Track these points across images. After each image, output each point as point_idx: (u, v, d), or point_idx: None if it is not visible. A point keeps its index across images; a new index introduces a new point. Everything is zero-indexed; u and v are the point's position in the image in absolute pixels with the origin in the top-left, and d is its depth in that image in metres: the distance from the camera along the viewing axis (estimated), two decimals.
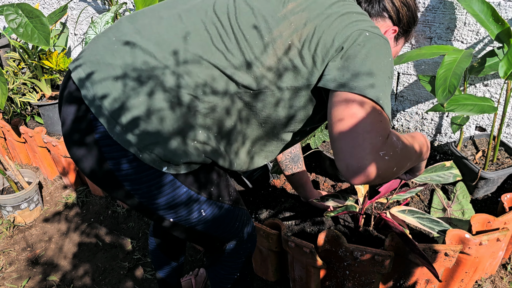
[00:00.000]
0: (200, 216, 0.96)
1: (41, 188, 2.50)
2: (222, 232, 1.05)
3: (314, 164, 2.13)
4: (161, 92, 0.83)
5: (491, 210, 1.71)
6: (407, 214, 1.44)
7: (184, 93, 0.83)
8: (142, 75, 0.83)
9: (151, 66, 0.84)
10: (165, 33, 0.87)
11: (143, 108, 0.82)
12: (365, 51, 0.83)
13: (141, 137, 0.81)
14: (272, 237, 1.46)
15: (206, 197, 0.95)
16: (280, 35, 0.86)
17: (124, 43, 0.87)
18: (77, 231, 2.14)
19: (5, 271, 1.95)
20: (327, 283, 1.53)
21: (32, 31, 2.02)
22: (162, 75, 0.83)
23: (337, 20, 0.86)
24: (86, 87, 0.84)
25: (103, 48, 0.89)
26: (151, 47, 0.86)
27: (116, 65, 0.85)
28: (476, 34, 1.70)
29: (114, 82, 0.83)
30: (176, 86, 0.83)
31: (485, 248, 1.33)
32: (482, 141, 1.87)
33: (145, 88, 0.82)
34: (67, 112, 0.89)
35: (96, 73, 0.85)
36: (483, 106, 1.48)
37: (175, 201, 0.90)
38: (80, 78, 0.86)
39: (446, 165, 1.47)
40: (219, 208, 0.99)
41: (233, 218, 1.05)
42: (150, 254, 1.46)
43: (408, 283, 1.44)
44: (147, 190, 0.88)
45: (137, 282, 1.80)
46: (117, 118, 0.82)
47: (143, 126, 0.81)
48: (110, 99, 0.82)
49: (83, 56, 0.90)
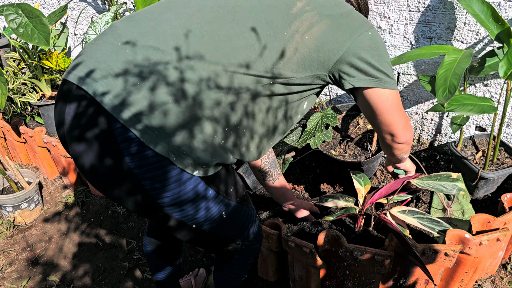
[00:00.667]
0: (207, 214, 0.94)
1: (41, 188, 2.50)
2: (229, 231, 1.03)
3: (314, 164, 2.13)
4: (164, 86, 0.83)
5: (491, 210, 1.71)
6: (407, 214, 1.44)
7: (188, 87, 0.83)
8: (145, 71, 0.83)
9: (153, 62, 0.84)
10: (167, 29, 0.87)
11: (156, 101, 0.82)
12: (375, 51, 0.99)
13: (153, 129, 0.81)
14: (272, 237, 1.46)
15: (214, 193, 0.93)
16: (286, 35, 0.87)
17: (124, 42, 0.87)
18: (77, 231, 2.14)
19: (5, 271, 1.95)
20: (327, 283, 1.53)
21: (32, 31, 2.02)
22: (165, 70, 0.83)
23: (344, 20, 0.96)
24: (89, 83, 0.84)
25: (101, 48, 0.88)
26: (152, 43, 0.85)
27: (119, 61, 0.84)
28: (476, 34, 1.70)
29: (115, 78, 0.83)
30: (180, 80, 0.83)
31: (485, 248, 1.33)
32: (482, 141, 1.86)
33: (148, 83, 0.82)
34: (68, 110, 0.88)
35: (97, 71, 0.85)
36: (483, 106, 1.48)
37: (181, 197, 0.88)
38: (81, 77, 0.86)
39: (452, 176, 1.44)
40: (226, 205, 0.98)
41: (241, 216, 1.04)
42: (146, 257, 1.43)
43: (408, 283, 1.44)
44: (152, 182, 0.86)
45: (137, 282, 1.80)
46: (130, 109, 0.81)
47: (155, 119, 0.81)
48: (113, 93, 0.82)
49: (82, 57, 0.90)
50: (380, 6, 1.84)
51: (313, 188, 1.96)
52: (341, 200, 1.59)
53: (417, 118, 2.05)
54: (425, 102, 1.99)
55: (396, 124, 1.07)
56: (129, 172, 0.84)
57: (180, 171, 0.85)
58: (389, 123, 1.07)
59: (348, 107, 2.04)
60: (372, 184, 1.95)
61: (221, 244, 1.07)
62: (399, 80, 2.01)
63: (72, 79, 0.87)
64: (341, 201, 1.59)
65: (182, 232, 0.98)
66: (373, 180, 1.98)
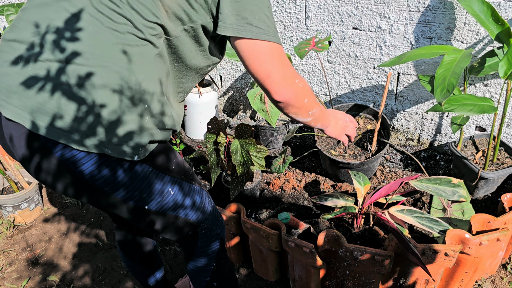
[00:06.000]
0: (151, 192, 0.96)
1: (41, 188, 2.50)
2: (180, 209, 1.03)
3: (314, 164, 2.13)
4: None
5: (491, 210, 1.71)
6: (406, 213, 1.44)
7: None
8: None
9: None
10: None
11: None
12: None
13: (94, 135, 0.83)
14: (272, 237, 1.46)
15: (154, 171, 0.95)
16: None
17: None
18: (77, 231, 2.14)
19: (5, 271, 1.95)
20: (327, 283, 1.53)
21: None
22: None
23: None
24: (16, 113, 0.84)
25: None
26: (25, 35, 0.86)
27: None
28: (476, 34, 1.70)
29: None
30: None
31: (485, 248, 1.33)
32: (482, 141, 1.87)
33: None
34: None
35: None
36: (483, 106, 1.48)
37: (124, 181, 0.91)
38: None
39: (452, 182, 1.42)
40: (169, 182, 0.99)
41: (187, 192, 1.04)
42: (128, 269, 1.43)
43: (408, 283, 1.44)
44: (105, 180, 0.88)
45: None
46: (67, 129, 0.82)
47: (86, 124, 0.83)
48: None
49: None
50: (380, 6, 1.84)
51: (313, 188, 1.96)
52: (340, 200, 1.59)
53: (417, 118, 2.05)
54: (425, 102, 1.99)
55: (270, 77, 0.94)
56: (82, 180, 0.88)
57: (119, 160, 0.88)
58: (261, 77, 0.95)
59: (348, 107, 2.04)
60: (372, 184, 1.95)
61: (176, 227, 1.07)
62: (399, 80, 2.01)
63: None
64: (340, 200, 1.59)
65: (138, 218, 1.00)
66: (373, 180, 1.98)
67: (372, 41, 1.95)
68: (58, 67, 0.82)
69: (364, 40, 1.98)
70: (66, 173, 0.87)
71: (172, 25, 0.91)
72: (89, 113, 0.83)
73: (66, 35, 0.83)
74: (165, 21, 0.89)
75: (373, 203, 1.59)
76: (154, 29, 0.88)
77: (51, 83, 0.82)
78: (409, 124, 2.09)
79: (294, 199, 1.88)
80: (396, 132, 2.16)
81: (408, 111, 2.05)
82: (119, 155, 0.86)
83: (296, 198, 1.88)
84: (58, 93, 0.81)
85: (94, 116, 0.83)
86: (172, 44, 0.93)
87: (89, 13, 0.84)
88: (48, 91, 0.82)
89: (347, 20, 1.97)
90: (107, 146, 0.85)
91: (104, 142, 0.84)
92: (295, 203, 1.85)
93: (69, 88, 0.82)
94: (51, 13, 0.85)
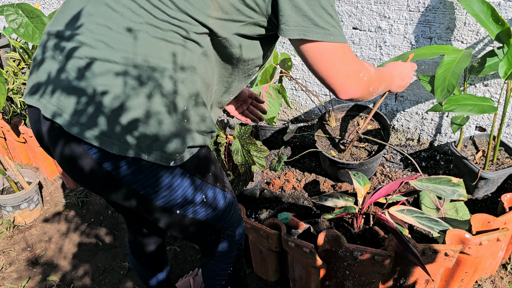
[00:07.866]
0: (202, 203, 0.96)
1: (41, 188, 2.50)
2: (210, 217, 1.03)
3: (314, 164, 2.13)
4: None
5: (491, 210, 1.71)
6: (405, 213, 1.44)
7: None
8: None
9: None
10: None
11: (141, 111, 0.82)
12: None
13: (140, 138, 0.82)
14: (272, 237, 1.46)
15: (207, 183, 0.96)
16: None
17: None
18: (77, 231, 2.14)
19: (5, 271, 1.95)
20: (327, 283, 1.53)
21: (33, 31, 2.02)
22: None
23: None
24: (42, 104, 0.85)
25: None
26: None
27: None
28: (476, 34, 1.70)
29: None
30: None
31: (485, 248, 1.33)
32: (482, 141, 1.86)
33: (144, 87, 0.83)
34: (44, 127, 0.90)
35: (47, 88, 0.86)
36: (483, 106, 1.48)
37: (165, 187, 0.90)
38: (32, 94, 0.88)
39: (452, 181, 1.41)
40: (205, 189, 0.98)
41: (221, 200, 1.03)
42: (134, 269, 1.42)
43: (408, 283, 1.44)
44: (142, 184, 0.88)
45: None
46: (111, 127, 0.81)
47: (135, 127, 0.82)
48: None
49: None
50: (380, 6, 1.84)
51: (313, 188, 1.96)
52: (340, 200, 1.59)
53: (417, 118, 2.05)
54: (425, 102, 1.99)
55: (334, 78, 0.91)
56: (119, 181, 0.87)
57: (174, 169, 0.88)
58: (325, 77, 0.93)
59: (349, 107, 2.04)
60: (372, 184, 1.95)
61: (202, 232, 1.07)
62: None
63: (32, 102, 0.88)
64: (340, 201, 1.59)
65: (163, 219, 0.98)
66: (373, 180, 1.98)
67: (372, 41, 1.95)
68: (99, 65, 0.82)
69: (364, 40, 1.98)
70: (114, 183, 0.88)
71: (221, 24, 0.87)
72: (136, 120, 0.82)
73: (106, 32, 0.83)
74: (214, 20, 0.86)
75: (373, 203, 1.59)
76: (199, 28, 0.85)
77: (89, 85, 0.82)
78: (409, 124, 2.09)
79: (294, 199, 1.88)
80: (396, 132, 2.16)
81: (408, 111, 2.05)
82: (155, 161, 0.84)
83: (296, 198, 1.88)
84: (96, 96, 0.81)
85: (132, 121, 0.82)
86: (219, 43, 0.90)
87: (131, 10, 0.83)
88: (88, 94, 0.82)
89: (347, 20, 1.97)
90: (144, 151, 0.83)
91: (142, 147, 0.83)
92: (295, 203, 1.85)
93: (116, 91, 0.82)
94: (92, 7, 0.85)
